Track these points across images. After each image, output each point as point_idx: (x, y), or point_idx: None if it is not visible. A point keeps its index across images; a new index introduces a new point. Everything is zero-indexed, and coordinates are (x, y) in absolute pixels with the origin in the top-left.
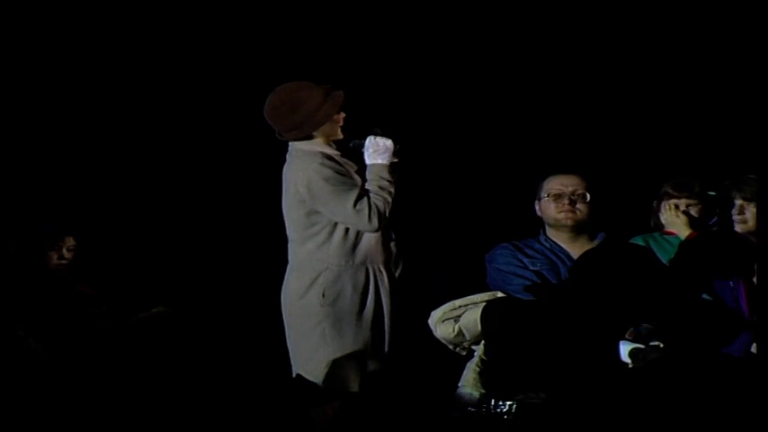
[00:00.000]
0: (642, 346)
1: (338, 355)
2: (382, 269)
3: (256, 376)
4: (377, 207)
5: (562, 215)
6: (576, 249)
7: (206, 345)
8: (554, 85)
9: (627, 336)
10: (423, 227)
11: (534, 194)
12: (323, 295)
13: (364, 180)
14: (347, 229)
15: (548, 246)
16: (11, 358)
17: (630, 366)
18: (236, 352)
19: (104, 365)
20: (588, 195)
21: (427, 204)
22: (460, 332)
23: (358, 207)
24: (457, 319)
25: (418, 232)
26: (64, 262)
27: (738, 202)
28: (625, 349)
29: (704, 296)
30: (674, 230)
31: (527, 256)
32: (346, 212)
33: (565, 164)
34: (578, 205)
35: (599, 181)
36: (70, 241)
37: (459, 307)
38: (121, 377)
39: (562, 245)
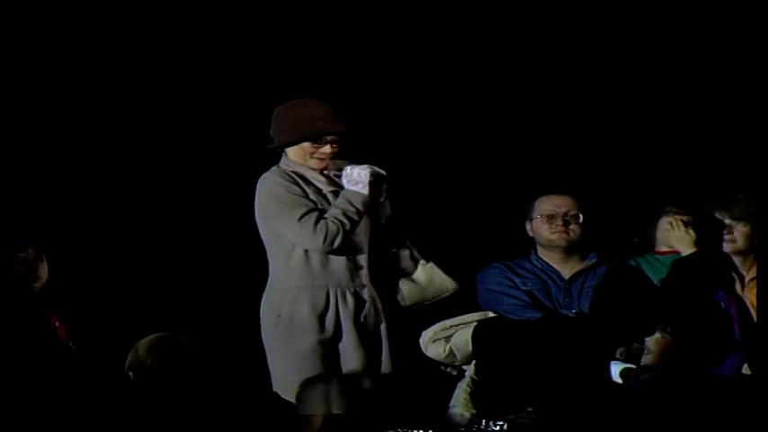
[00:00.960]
0: (633, 366)
1: (300, 376)
2: (348, 293)
3: (247, 386)
4: (327, 227)
5: (555, 236)
6: (567, 270)
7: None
8: (542, 105)
9: (618, 356)
10: (414, 246)
11: (525, 214)
12: (278, 316)
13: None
14: (307, 250)
15: (539, 266)
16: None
17: (622, 386)
18: (234, 358)
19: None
20: (581, 216)
21: (417, 223)
22: (451, 352)
23: (302, 222)
24: (448, 339)
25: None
26: (36, 284)
27: (727, 221)
28: (616, 369)
29: (695, 315)
30: (678, 248)
31: (518, 275)
32: (291, 227)
33: (555, 183)
34: (571, 226)
35: (589, 201)
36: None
37: (451, 327)
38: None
39: (553, 265)
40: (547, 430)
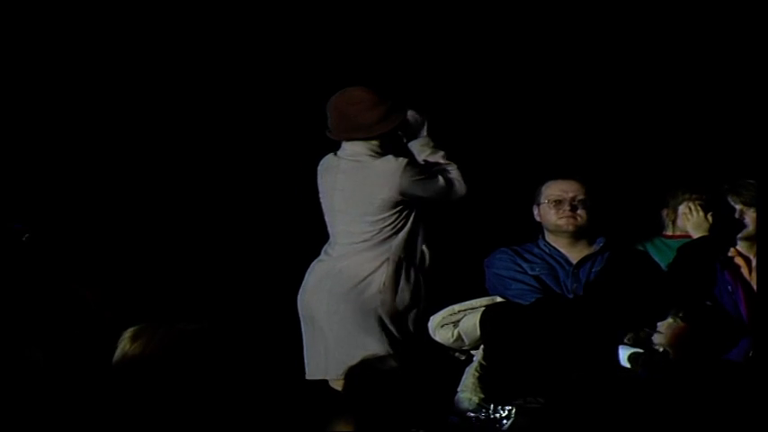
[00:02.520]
0: (641, 351)
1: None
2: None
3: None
4: (458, 176)
5: (563, 221)
6: (574, 254)
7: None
8: (549, 90)
9: (626, 340)
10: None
11: (532, 199)
12: (383, 284)
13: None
14: (413, 229)
15: (547, 251)
16: (11, 369)
17: (630, 371)
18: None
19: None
20: (588, 201)
21: (426, 208)
22: (460, 337)
23: (446, 183)
24: (456, 323)
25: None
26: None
27: (738, 207)
28: (624, 354)
29: (705, 302)
30: (694, 233)
31: (526, 260)
32: (440, 189)
33: (562, 168)
34: (579, 211)
35: (597, 185)
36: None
37: (459, 312)
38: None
39: (561, 250)
40: (555, 415)
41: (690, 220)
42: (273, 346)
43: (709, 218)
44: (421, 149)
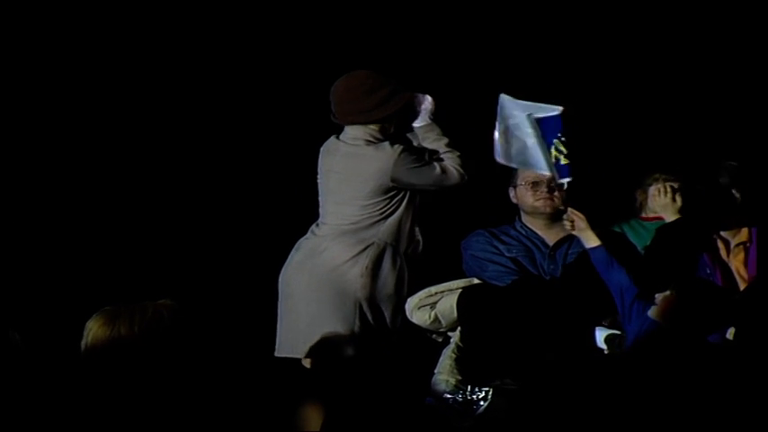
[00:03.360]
0: (618, 333)
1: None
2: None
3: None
4: (457, 163)
5: (540, 203)
6: (551, 236)
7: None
8: (528, 72)
9: (604, 322)
10: None
11: (508, 180)
12: (366, 267)
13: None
14: (404, 215)
15: (523, 233)
16: None
17: (606, 352)
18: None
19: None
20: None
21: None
22: (437, 319)
23: (443, 171)
24: (433, 305)
25: None
26: None
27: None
28: (601, 335)
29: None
30: (662, 214)
31: (503, 242)
32: (436, 177)
33: None
34: (556, 193)
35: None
36: None
37: (436, 293)
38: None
39: (538, 231)
40: (531, 396)
41: (658, 202)
42: (252, 323)
43: (678, 199)
44: (425, 135)
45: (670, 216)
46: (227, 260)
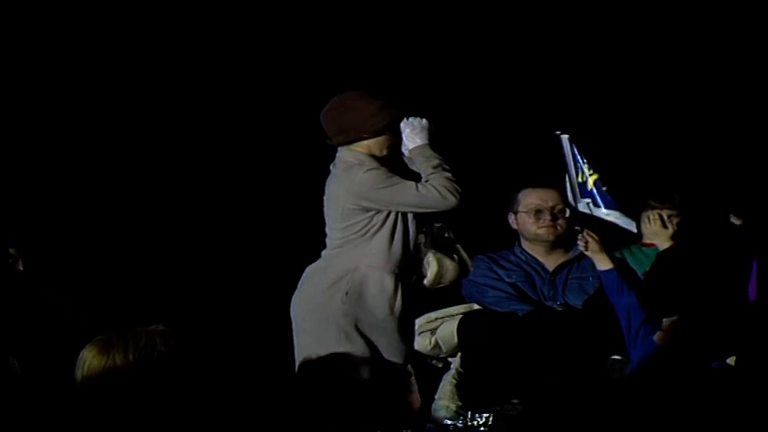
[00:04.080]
0: (618, 358)
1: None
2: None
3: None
4: (440, 184)
5: (543, 230)
6: (551, 262)
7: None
8: (526, 97)
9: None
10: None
11: (507, 206)
12: (346, 294)
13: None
14: (390, 235)
15: (523, 258)
16: None
17: (608, 377)
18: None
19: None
20: (568, 210)
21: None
22: (437, 344)
23: (420, 190)
24: (434, 331)
25: None
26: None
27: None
28: None
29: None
30: (656, 241)
31: (502, 268)
32: (412, 197)
33: (538, 175)
34: (559, 221)
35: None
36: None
37: (436, 319)
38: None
39: (537, 257)
40: (532, 422)
41: (649, 229)
42: (250, 345)
43: (670, 226)
44: (416, 157)
45: (663, 243)
46: (230, 283)
